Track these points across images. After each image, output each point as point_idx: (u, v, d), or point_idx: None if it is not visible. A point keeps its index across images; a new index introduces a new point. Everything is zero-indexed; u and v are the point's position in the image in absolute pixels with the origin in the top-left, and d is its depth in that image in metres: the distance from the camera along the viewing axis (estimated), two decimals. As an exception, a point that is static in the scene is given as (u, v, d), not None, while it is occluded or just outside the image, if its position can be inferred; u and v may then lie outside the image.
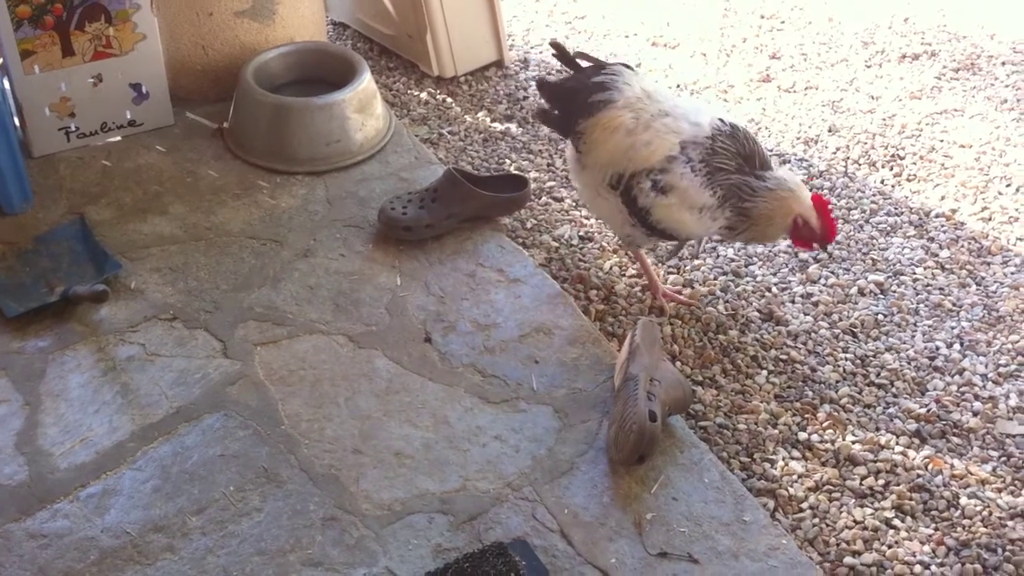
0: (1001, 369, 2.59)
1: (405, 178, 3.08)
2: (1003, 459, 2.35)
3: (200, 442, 2.25)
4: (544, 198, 3.21)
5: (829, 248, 2.75)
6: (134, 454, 2.22)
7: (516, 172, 3.16)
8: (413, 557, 2.02)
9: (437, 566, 2.00)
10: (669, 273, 2.90)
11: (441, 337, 2.54)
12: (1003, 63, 3.96)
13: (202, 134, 3.24)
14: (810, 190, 2.58)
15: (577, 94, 2.63)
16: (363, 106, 3.14)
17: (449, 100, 3.71)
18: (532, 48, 4.11)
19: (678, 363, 2.60)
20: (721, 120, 2.56)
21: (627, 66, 2.67)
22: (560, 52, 2.70)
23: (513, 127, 3.57)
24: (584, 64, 2.70)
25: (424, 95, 3.73)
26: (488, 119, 3.61)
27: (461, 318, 2.60)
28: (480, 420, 2.32)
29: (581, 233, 3.05)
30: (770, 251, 2.98)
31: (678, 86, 3.83)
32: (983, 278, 2.89)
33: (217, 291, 2.66)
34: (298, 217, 2.92)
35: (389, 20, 3.85)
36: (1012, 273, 2.90)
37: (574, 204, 3.17)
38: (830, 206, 2.55)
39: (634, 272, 2.89)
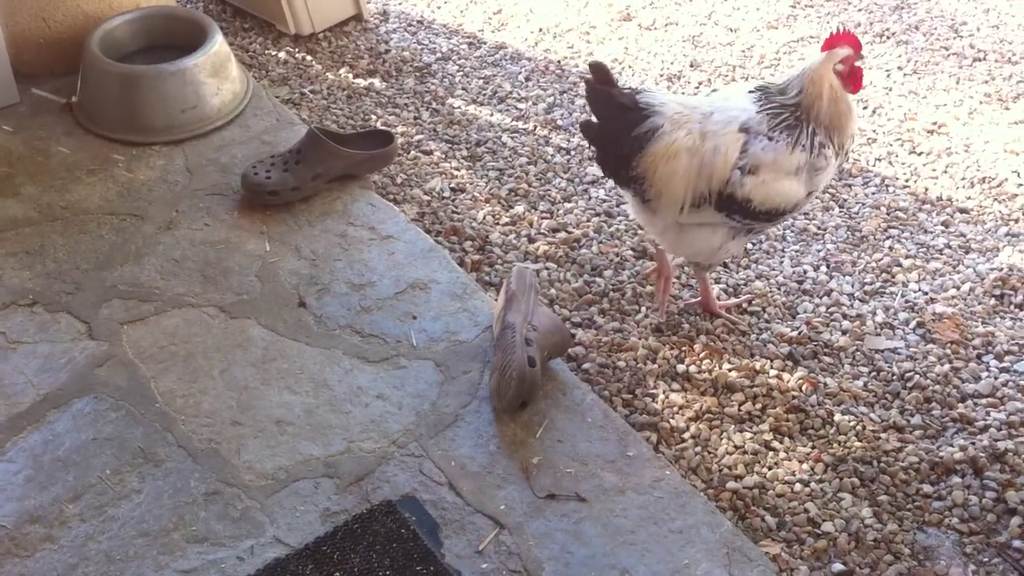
0: (867, 287, 2.66)
1: (267, 141, 3.01)
2: (873, 374, 2.42)
3: (71, 428, 2.18)
4: (413, 152, 3.17)
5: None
6: (3, 446, 2.14)
7: (382, 128, 3.11)
8: (301, 524, 2.00)
9: (326, 530, 1.98)
10: (543, 218, 2.90)
11: (316, 300, 2.50)
12: (853, -13, 4.05)
13: (50, 110, 3.11)
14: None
15: (619, 132, 2.34)
16: (217, 70, 3.04)
17: (309, 58, 3.63)
18: (390, 0, 4.04)
19: (555, 306, 2.61)
20: (751, 91, 2.37)
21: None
22: (601, 75, 2.32)
23: (377, 82, 3.52)
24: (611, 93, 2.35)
25: (283, 55, 3.64)
26: (350, 75, 3.54)
27: (335, 279, 2.56)
28: (361, 380, 2.29)
29: (452, 185, 3.03)
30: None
31: (540, 30, 3.81)
32: (845, 200, 2.96)
33: (78, 271, 2.56)
34: (158, 189, 2.83)
35: (240, -21, 3.74)
36: (872, 193, 2.98)
37: (443, 156, 3.15)
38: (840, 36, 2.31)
39: (507, 220, 2.89)
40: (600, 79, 2.31)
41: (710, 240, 2.42)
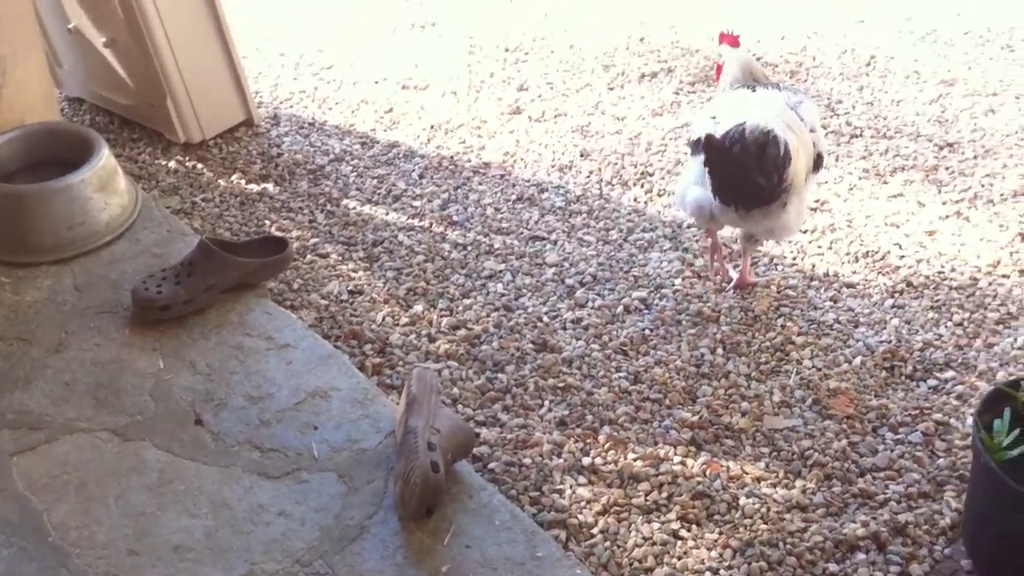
0: (762, 367, 2.71)
1: (158, 254, 2.97)
2: (774, 454, 2.45)
3: (-41, 568, 2.09)
4: (309, 256, 3.16)
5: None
6: None
7: (276, 234, 3.10)
8: (204, 654, 1.93)
9: (231, 659, 1.92)
10: (443, 316, 2.90)
11: (213, 416, 2.45)
12: (734, 72, 4.18)
13: (-69, 234, 3.03)
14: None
15: (760, 162, 2.60)
16: (104, 184, 3.01)
17: (200, 166, 3.61)
18: (282, 104, 4.05)
19: (459, 405, 2.60)
20: (750, 88, 2.88)
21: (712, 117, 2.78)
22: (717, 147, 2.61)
23: (270, 186, 3.51)
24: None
25: (173, 163, 3.62)
26: (243, 181, 3.53)
27: (232, 393, 2.52)
28: (262, 498, 2.24)
29: (350, 287, 3.02)
30: (537, 281, 3.03)
31: (432, 127, 3.86)
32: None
33: (-37, 402, 2.49)
34: (46, 310, 2.77)
35: (126, 90, 3.72)
36: (762, 272, 3.06)
37: (340, 258, 3.14)
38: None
39: (407, 320, 2.88)
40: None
41: (801, 208, 2.80)
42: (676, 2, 4.80)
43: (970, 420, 2.49)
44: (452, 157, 3.68)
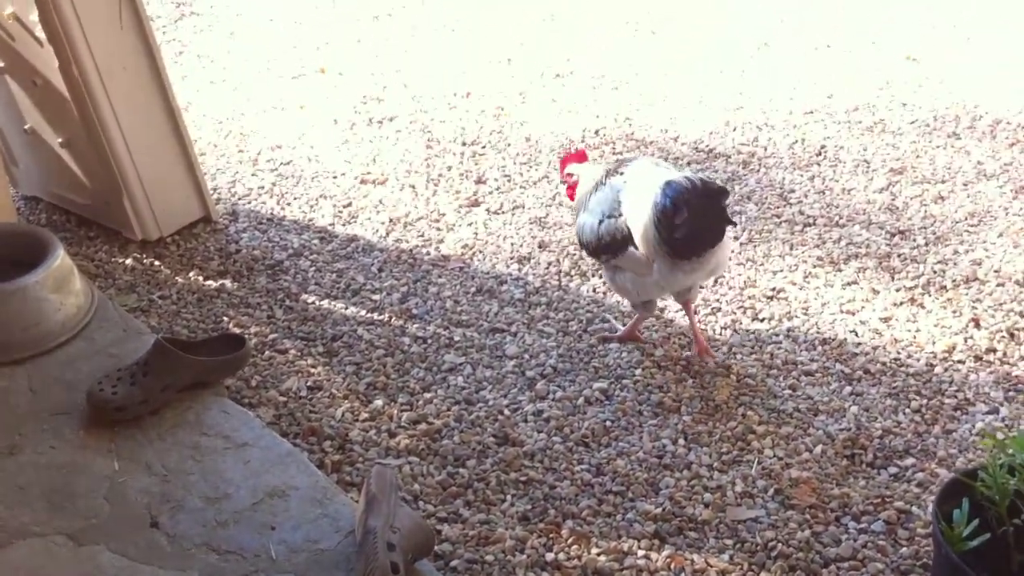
0: (724, 457, 2.71)
1: (114, 354, 2.94)
2: (738, 546, 2.44)
3: None
4: (267, 352, 3.14)
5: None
6: None
7: (233, 331, 3.08)
8: None
9: None
10: (403, 410, 2.88)
11: (169, 519, 2.41)
12: (688, 163, 4.26)
13: None
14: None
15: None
16: (60, 285, 2.98)
17: (157, 263, 3.59)
18: (240, 199, 4.06)
19: (420, 501, 2.57)
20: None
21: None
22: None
23: (228, 283, 3.50)
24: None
25: (130, 261, 3.60)
26: (200, 278, 3.52)
27: (188, 494, 2.48)
28: (219, 602, 2.20)
29: (309, 383, 3.00)
30: (498, 374, 3.03)
31: (391, 220, 3.88)
32: (697, 371, 3.04)
33: (-89, 509, 2.42)
34: (-1, 412, 2.73)
35: (83, 189, 3.71)
36: (722, 362, 3.07)
37: (299, 354, 3.13)
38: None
39: (367, 416, 2.86)
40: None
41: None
42: (629, 98, 4.90)
43: (931, 508, 2.50)
44: (411, 250, 3.70)
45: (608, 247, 2.95)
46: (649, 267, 2.84)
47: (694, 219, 2.69)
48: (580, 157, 3.26)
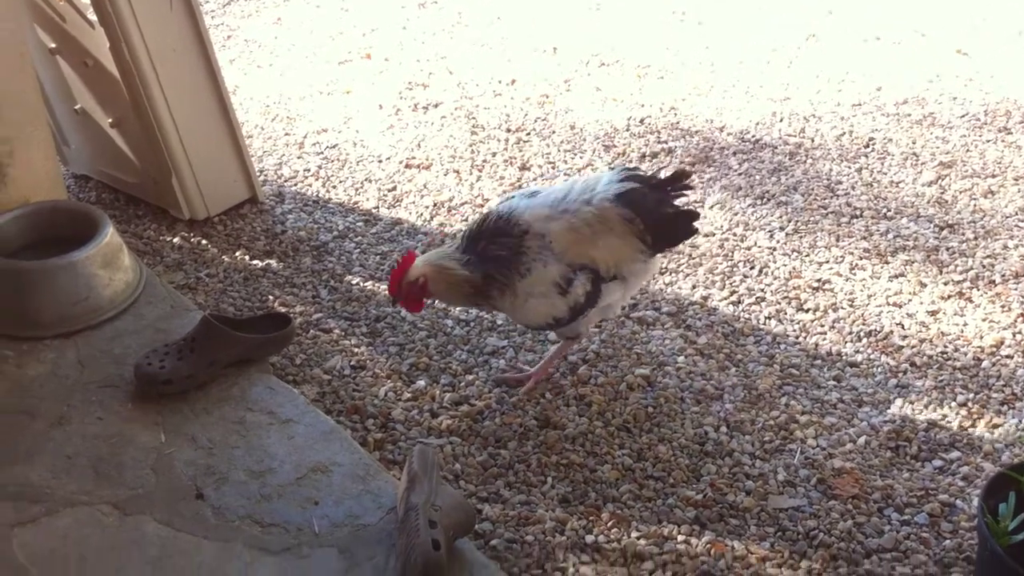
0: (766, 446, 2.70)
1: (162, 329, 2.98)
2: (779, 534, 2.43)
3: (-47, 646, 2.06)
4: (312, 331, 3.16)
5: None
6: None
7: (278, 310, 3.11)
8: None
9: None
10: (445, 391, 2.90)
11: (214, 491, 2.44)
12: (734, 153, 4.23)
13: (-65, 307, 3.04)
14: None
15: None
16: (109, 261, 3.03)
17: (204, 242, 3.63)
18: (286, 181, 4.09)
19: (461, 482, 2.58)
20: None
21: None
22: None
23: (274, 263, 3.53)
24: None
25: (177, 240, 3.64)
26: (247, 257, 3.55)
27: (233, 468, 2.51)
28: (262, 573, 2.22)
29: (352, 362, 3.02)
30: (540, 358, 3.03)
31: (435, 204, 3.89)
32: (740, 359, 3.02)
33: (-37, 475, 2.47)
34: (49, 384, 2.76)
35: (132, 168, 3.76)
36: (765, 351, 3.06)
37: (343, 334, 3.15)
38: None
39: (409, 396, 2.88)
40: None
41: None
42: (675, 87, 4.87)
43: (976, 502, 2.48)
44: (454, 235, 3.70)
45: (588, 301, 2.73)
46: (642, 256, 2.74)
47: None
48: (410, 258, 2.73)
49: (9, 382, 2.77)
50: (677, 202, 2.73)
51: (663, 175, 2.68)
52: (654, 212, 2.67)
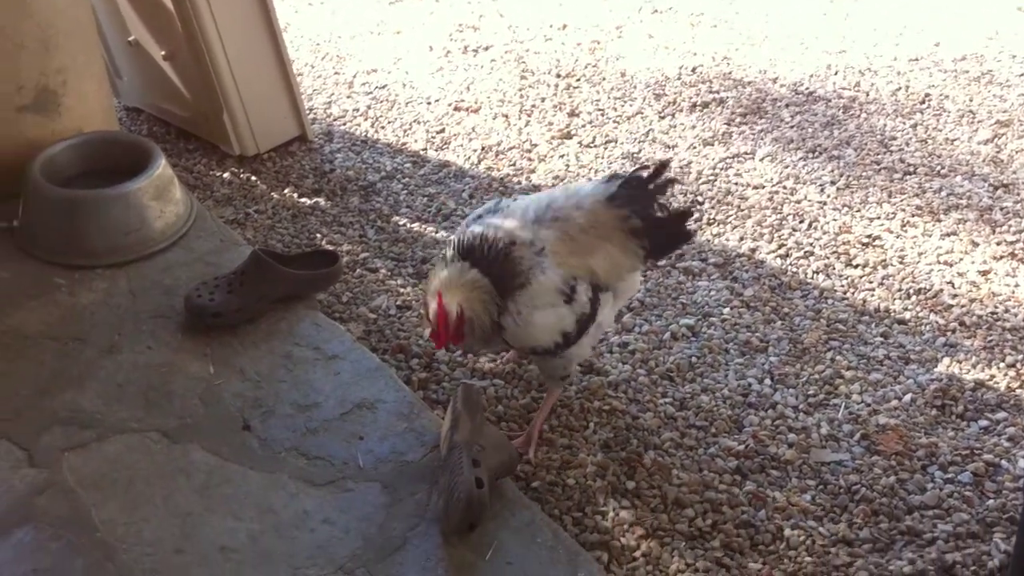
0: (810, 400, 2.69)
1: (211, 262, 3.01)
2: (820, 487, 2.43)
3: (10, 558, 2.11)
4: (358, 270, 3.18)
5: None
6: (-65, 582, 2.07)
7: (326, 247, 3.13)
8: (245, 658, 1.94)
9: (271, 664, 1.92)
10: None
11: (260, 423, 2.47)
12: (787, 105, 4.18)
13: (-9, 234, 3.09)
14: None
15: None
16: (160, 193, 3.05)
17: (254, 178, 3.65)
18: (335, 120, 4.10)
19: (503, 423, 2.60)
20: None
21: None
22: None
23: (322, 201, 3.54)
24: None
25: (227, 175, 3.66)
26: (295, 195, 3.57)
27: (280, 401, 2.54)
28: (307, 505, 2.25)
29: (398, 303, 3.03)
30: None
31: (483, 148, 3.88)
32: (786, 313, 3.01)
33: (17, 397, 2.51)
34: (100, 312, 2.80)
35: (183, 102, 3.77)
36: (812, 305, 3.04)
37: (389, 274, 3.16)
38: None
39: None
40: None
41: None
42: (729, 37, 4.81)
43: (1021, 463, 2.47)
44: (502, 179, 3.70)
45: (592, 311, 2.45)
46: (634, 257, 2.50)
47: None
48: (440, 300, 2.31)
49: (62, 309, 2.81)
50: (664, 201, 2.52)
51: (644, 174, 2.48)
52: (648, 210, 2.47)
